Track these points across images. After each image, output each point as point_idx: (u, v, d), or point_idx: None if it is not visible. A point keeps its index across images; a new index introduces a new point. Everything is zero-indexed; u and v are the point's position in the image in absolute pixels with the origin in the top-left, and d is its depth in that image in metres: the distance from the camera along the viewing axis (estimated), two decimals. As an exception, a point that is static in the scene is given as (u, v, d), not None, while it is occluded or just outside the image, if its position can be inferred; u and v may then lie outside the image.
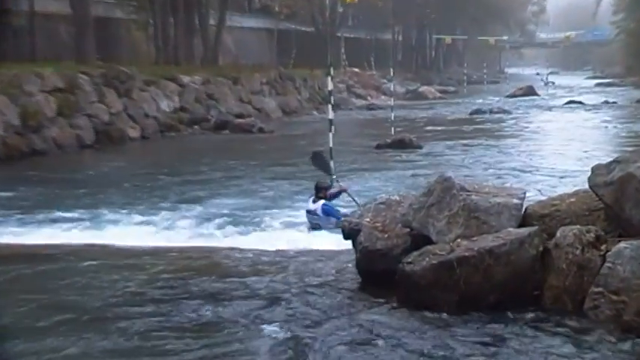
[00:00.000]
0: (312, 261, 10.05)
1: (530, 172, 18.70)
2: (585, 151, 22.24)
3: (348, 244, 9.42)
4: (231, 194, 16.36)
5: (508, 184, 14.30)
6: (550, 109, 43.59)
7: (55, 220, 13.62)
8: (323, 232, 12.10)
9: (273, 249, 11.04)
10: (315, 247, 11.10)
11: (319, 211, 12.34)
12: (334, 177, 13.53)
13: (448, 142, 26.02)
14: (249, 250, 10.95)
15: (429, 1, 77.83)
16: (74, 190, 17.27)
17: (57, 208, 14.64)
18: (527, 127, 32.55)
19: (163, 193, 16.61)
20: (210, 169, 20.53)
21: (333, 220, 12.09)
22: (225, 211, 14.19)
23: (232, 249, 11.14)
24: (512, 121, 35.40)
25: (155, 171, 20.34)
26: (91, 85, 28.85)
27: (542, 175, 18.08)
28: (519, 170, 18.98)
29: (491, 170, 19.02)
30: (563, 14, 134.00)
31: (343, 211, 12.18)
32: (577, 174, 16.79)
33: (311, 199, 12.57)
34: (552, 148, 23.91)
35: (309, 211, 12.50)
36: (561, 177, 17.46)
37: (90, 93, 28.53)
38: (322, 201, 12.42)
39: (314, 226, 12.42)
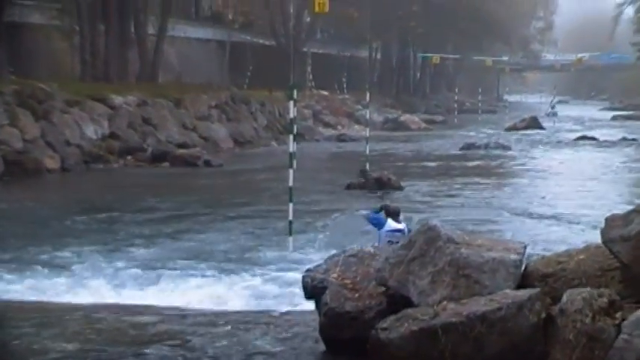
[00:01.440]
0: (265, 324, 9.99)
1: (531, 221, 18.82)
2: (598, 198, 22.41)
3: (310, 305, 9.39)
4: (165, 242, 16.30)
5: (505, 236, 14.36)
6: (558, 145, 43.96)
7: None
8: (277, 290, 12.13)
9: (215, 309, 10.99)
10: (268, 308, 11.06)
11: (406, 230, 13.52)
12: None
13: (434, 183, 26.14)
14: (187, 311, 10.91)
15: (413, 13, 78.37)
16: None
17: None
18: (529, 167, 32.78)
19: (81, 239, 16.49)
20: (143, 209, 20.44)
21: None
22: (156, 263, 14.13)
23: (167, 308, 11.07)
24: (512, 160, 35.66)
25: (75, 211, 20.21)
26: (1, 106, 28.74)
27: (546, 225, 18.20)
28: (519, 219, 19.10)
29: (485, 218, 19.10)
30: (574, 33, 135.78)
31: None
32: (588, 225, 16.92)
33: (390, 220, 13.67)
34: (559, 193, 24.08)
35: (392, 230, 13.49)
36: (569, 229, 17.59)
37: (-1, 114, 28.43)
38: (403, 222, 13.85)
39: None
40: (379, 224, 13.96)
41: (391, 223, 13.87)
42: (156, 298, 11.90)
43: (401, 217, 14.12)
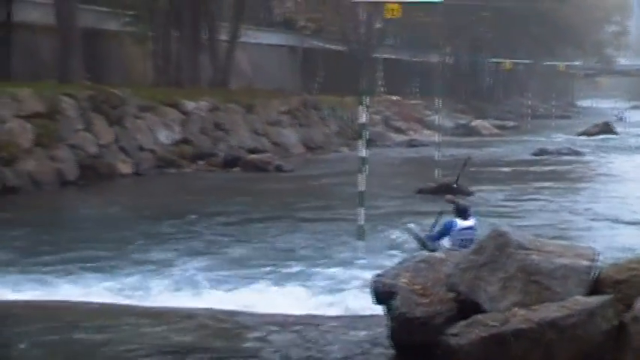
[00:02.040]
0: (337, 329, 10.04)
1: (604, 228, 18.64)
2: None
3: (380, 310, 9.40)
4: (241, 246, 16.43)
5: (577, 242, 14.25)
6: (631, 151, 43.46)
7: (26, 271, 13.73)
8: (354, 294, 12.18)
9: (288, 313, 11.07)
10: (338, 312, 11.11)
11: (476, 226, 14.44)
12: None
13: (505, 189, 25.99)
14: (260, 315, 11.03)
15: (485, 19, 77.98)
16: (52, 235, 17.40)
17: (34, 256, 14.79)
18: (602, 173, 32.45)
19: (158, 242, 16.70)
20: (216, 214, 20.59)
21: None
22: (233, 267, 14.25)
23: (239, 313, 11.18)
24: (585, 165, 35.33)
25: (149, 215, 20.45)
26: (76, 110, 29.12)
27: (619, 231, 18.03)
28: (591, 225, 18.93)
29: (556, 225, 18.96)
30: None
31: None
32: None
33: (458, 220, 14.35)
34: (632, 199, 23.79)
35: (463, 229, 14.21)
36: (636, 238, 17.37)
37: (74, 119, 28.80)
38: (473, 219, 14.59)
39: (464, 246, 13.56)
40: (449, 228, 14.36)
41: (460, 222, 14.38)
42: (228, 300, 11.99)
43: (470, 213, 14.63)
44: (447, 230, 14.52)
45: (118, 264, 14.46)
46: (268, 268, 14.09)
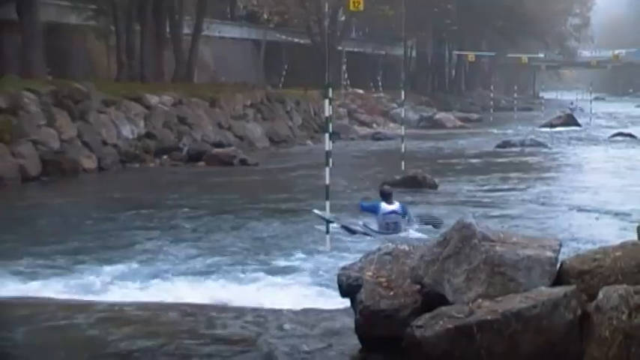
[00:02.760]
0: (302, 322, 10.05)
1: (567, 218, 18.74)
2: (636, 195, 22.28)
3: (346, 302, 9.41)
4: (207, 240, 16.37)
5: (540, 234, 14.32)
6: (594, 142, 43.76)
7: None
8: (311, 289, 12.19)
9: (256, 306, 11.07)
10: (305, 306, 11.11)
11: (399, 210, 16.04)
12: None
13: (469, 182, 26.08)
14: (225, 308, 11.08)
15: (449, 11, 78.17)
16: (13, 232, 17.27)
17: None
18: (565, 165, 32.66)
19: (124, 237, 16.61)
20: (180, 209, 20.50)
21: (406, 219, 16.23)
22: (200, 261, 14.21)
23: (204, 306, 11.17)
24: (548, 157, 35.52)
25: (113, 210, 20.32)
26: (38, 106, 28.92)
27: (582, 222, 18.11)
28: (555, 216, 19.02)
29: (521, 216, 19.05)
30: (610, 29, 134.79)
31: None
32: (625, 222, 16.84)
33: (383, 203, 15.85)
34: (595, 190, 23.95)
35: (388, 213, 15.66)
36: (606, 226, 17.49)
37: (36, 115, 28.59)
38: (397, 203, 16.06)
39: (389, 228, 15.80)
40: (374, 210, 16.04)
41: (385, 206, 15.89)
42: (193, 294, 11.97)
43: (393, 197, 16.24)
44: (373, 210, 16.12)
45: (82, 260, 14.36)
46: (235, 262, 14.06)
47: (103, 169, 29.70)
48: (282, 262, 14.00)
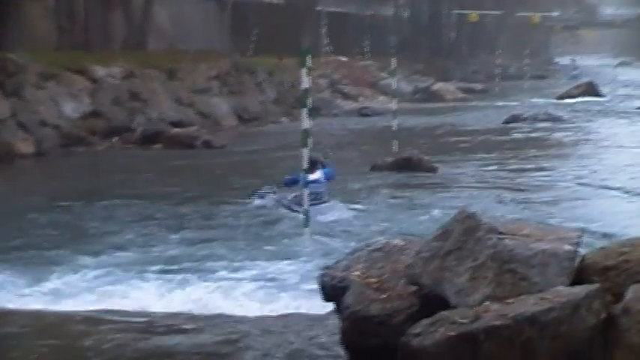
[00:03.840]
0: (280, 330, 10.07)
1: (588, 206, 18.80)
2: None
3: (330, 307, 9.42)
4: (167, 236, 16.34)
5: (557, 224, 14.36)
6: (620, 115, 43.87)
7: None
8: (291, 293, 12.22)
9: (226, 313, 11.10)
10: (283, 311, 11.13)
11: (322, 179, 17.81)
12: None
13: (473, 164, 26.14)
14: (193, 316, 11.16)
15: (447, -38, 78.32)
16: None
17: None
18: (585, 143, 32.74)
19: (66, 236, 16.57)
20: (135, 200, 20.48)
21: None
22: (160, 263, 14.18)
23: (170, 315, 11.22)
24: (565, 134, 35.60)
25: (54, 203, 20.28)
26: (-36, 80, 28.89)
27: (605, 211, 18.17)
28: (573, 204, 19.07)
29: (533, 204, 19.10)
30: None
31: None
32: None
33: (305, 174, 16.38)
34: (620, 173, 24.01)
35: (310, 182, 16.45)
36: (634, 215, 17.54)
37: (-38, 91, 28.56)
38: (319, 171, 17.66)
39: (315, 198, 16.99)
40: (295, 181, 17.58)
41: (308, 177, 16.63)
42: (156, 302, 12.00)
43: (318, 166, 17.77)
44: (295, 181, 17.56)
45: (16, 263, 14.29)
46: (200, 263, 14.04)
47: (42, 154, 29.63)
48: (253, 262, 13.97)
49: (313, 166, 17.30)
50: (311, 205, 16.24)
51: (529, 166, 25.52)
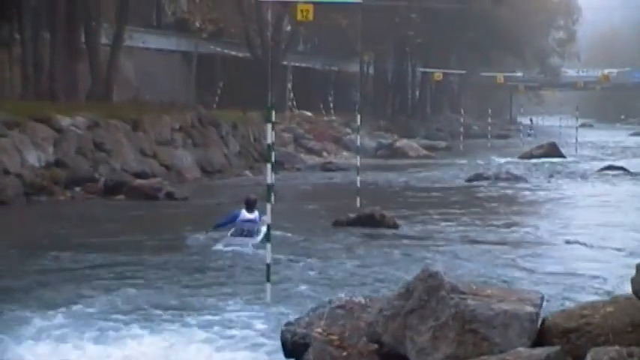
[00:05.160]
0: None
1: (549, 268, 18.81)
2: (630, 241, 22.41)
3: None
4: (122, 289, 16.17)
5: (519, 285, 14.37)
6: (580, 176, 44.08)
7: None
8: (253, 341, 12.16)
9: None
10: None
11: (257, 219, 20.18)
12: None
13: (436, 222, 26.15)
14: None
15: (412, 21, 78.45)
16: None
17: None
18: (546, 203, 32.87)
19: (22, 288, 16.40)
20: (93, 250, 20.35)
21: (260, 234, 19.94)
22: (119, 316, 14.05)
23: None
24: (527, 193, 35.74)
25: (11, 254, 20.13)
26: None
27: (567, 273, 18.18)
28: (535, 266, 19.08)
29: (495, 264, 19.11)
30: (600, 45, 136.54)
31: None
32: (617, 273, 16.93)
33: (243, 211, 20.09)
34: (582, 234, 24.05)
35: (245, 221, 19.93)
36: (594, 276, 17.57)
37: None
38: (256, 212, 20.19)
39: (246, 234, 20.11)
40: (233, 218, 20.20)
41: (245, 214, 20.14)
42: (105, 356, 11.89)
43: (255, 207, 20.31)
44: (233, 218, 20.23)
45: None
46: (161, 316, 13.92)
47: (3, 203, 29.42)
48: (213, 316, 13.86)
49: (252, 206, 20.52)
50: (244, 236, 19.42)
51: (492, 224, 25.57)
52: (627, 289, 8.32)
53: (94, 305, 14.80)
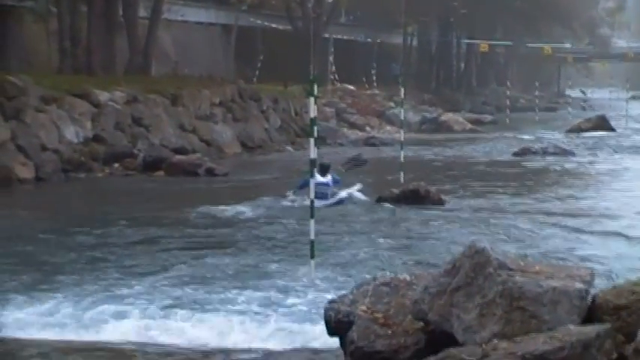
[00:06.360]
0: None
1: (600, 244, 18.73)
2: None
3: (335, 342, 9.39)
4: (171, 267, 16.26)
5: (568, 262, 14.31)
6: (631, 150, 43.82)
7: None
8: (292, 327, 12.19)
9: (228, 347, 11.07)
10: (286, 346, 11.10)
11: (331, 182, 22.99)
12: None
13: (482, 196, 26.10)
14: (195, 350, 11.17)
15: (457, -9, 78.22)
16: None
17: None
18: (596, 178, 32.71)
19: (64, 266, 16.50)
20: (134, 229, 20.43)
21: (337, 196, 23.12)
22: (155, 297, 14.11)
23: (172, 347, 11.16)
24: (576, 168, 35.59)
25: (52, 230, 20.24)
26: (-37, 102, 28.89)
27: (618, 248, 18.10)
28: (585, 241, 19.00)
29: (544, 240, 19.04)
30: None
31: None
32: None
33: (317, 176, 20.25)
34: (633, 209, 23.96)
35: (319, 184, 20.19)
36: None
37: (-39, 113, 28.57)
38: (329, 176, 22.77)
39: (321, 197, 20.93)
40: (307, 183, 18.85)
41: (318, 178, 20.54)
42: (156, 335, 11.99)
43: (329, 173, 23.00)
44: (306, 182, 18.81)
45: (15, 288, 14.28)
46: (201, 296, 13.97)
47: (41, 179, 29.58)
48: (255, 294, 13.89)
49: (325, 170, 23.03)
50: (317, 199, 17.90)
51: (539, 200, 25.48)
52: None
53: (142, 283, 14.85)
